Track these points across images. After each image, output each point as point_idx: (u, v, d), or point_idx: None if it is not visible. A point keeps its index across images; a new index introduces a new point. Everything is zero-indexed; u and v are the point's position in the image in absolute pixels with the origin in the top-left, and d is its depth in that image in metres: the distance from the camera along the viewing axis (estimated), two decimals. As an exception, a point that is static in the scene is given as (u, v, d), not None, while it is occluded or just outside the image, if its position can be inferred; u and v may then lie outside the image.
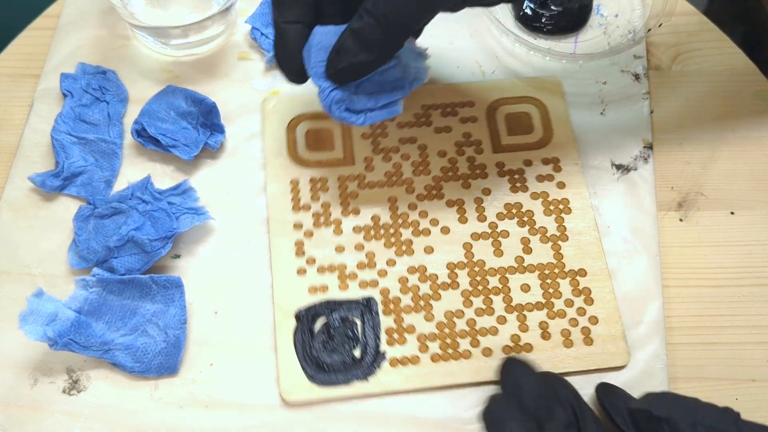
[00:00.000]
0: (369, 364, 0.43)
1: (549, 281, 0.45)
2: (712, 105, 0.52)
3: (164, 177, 0.48)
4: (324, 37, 0.40)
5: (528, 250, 0.46)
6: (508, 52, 0.53)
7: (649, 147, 0.50)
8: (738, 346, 0.45)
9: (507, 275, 0.46)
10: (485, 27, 0.54)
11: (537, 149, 0.49)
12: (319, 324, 0.44)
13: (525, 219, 0.47)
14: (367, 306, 0.44)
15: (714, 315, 0.46)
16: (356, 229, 0.46)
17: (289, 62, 0.41)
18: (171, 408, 0.42)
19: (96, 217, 0.46)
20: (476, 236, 0.47)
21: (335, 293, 0.44)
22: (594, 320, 0.44)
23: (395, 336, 0.44)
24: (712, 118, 0.51)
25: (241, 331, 0.44)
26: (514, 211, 0.47)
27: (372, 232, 0.46)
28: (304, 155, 0.48)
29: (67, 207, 0.47)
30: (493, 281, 0.45)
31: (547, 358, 0.44)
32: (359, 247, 0.46)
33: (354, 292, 0.45)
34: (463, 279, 0.45)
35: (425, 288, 0.45)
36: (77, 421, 0.42)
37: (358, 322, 0.44)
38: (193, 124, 0.49)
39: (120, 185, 0.48)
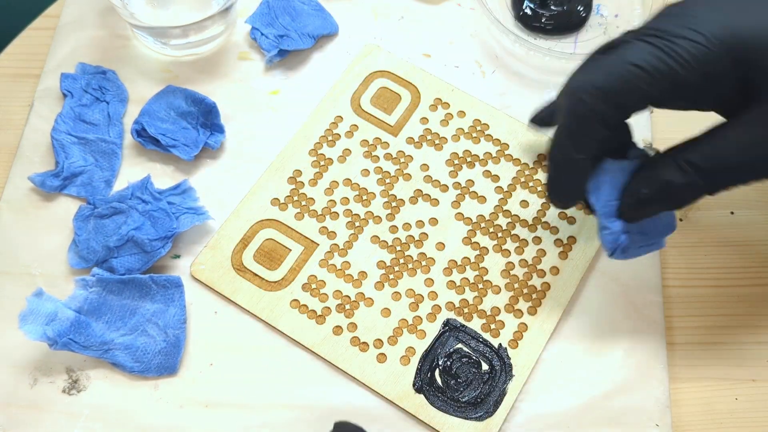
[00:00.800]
0: (504, 363, 0.43)
1: (531, 184, 0.48)
2: (712, 105, 0.52)
3: (164, 177, 0.48)
4: (616, 174, 0.38)
5: (495, 178, 0.48)
6: (508, 52, 0.53)
7: (650, 147, 0.50)
8: (738, 346, 0.45)
9: (504, 207, 0.47)
10: (485, 27, 0.54)
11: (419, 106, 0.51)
12: (438, 378, 0.43)
13: (468, 160, 0.49)
14: (451, 329, 0.44)
15: (714, 315, 0.46)
16: (378, 286, 0.45)
17: (573, 195, 0.39)
18: (171, 408, 0.42)
19: (96, 217, 0.46)
20: (456, 204, 0.47)
21: (420, 345, 0.43)
22: None
23: (492, 326, 0.44)
24: (712, 117, 0.51)
25: (241, 331, 0.44)
26: (456, 162, 0.49)
27: (392, 276, 0.45)
28: (278, 276, 0.45)
29: (67, 207, 0.47)
30: (502, 221, 0.47)
31: (586, 227, 0.47)
32: (397, 297, 0.45)
33: (432, 330, 0.44)
34: (484, 241, 0.46)
35: (471, 274, 0.45)
36: (77, 421, 0.42)
37: (459, 345, 0.43)
38: (193, 124, 0.49)
39: (120, 185, 0.48)
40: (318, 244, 0.46)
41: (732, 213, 0.48)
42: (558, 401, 0.43)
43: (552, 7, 0.53)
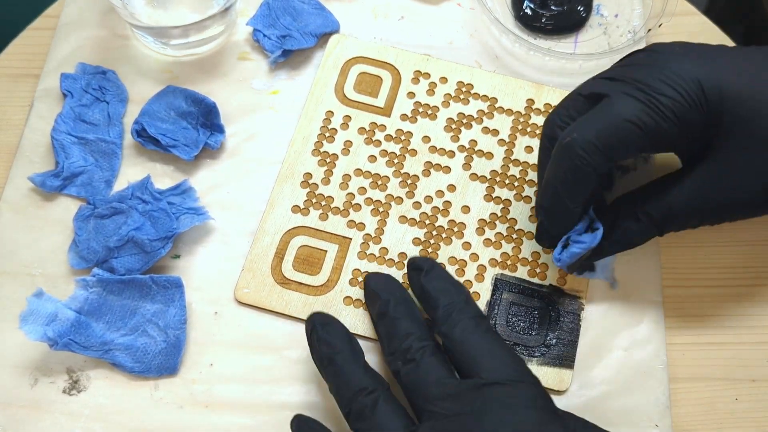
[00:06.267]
0: (561, 297, 0.45)
1: (529, 129, 0.50)
2: (712, 105, 0.52)
3: (164, 177, 0.48)
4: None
5: (495, 132, 0.49)
6: (508, 52, 0.53)
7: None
8: (738, 346, 0.45)
9: (512, 157, 0.49)
10: (485, 27, 0.54)
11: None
12: (506, 332, 0.44)
13: (464, 121, 0.50)
14: (501, 283, 0.45)
15: (714, 315, 0.46)
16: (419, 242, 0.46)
17: (560, 238, 0.42)
18: (171, 408, 0.42)
19: (96, 217, 0.46)
20: (467, 166, 0.49)
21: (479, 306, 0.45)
22: None
23: (538, 270, 0.45)
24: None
25: (241, 331, 0.44)
26: (453, 126, 0.50)
27: (430, 250, 0.46)
28: (323, 279, 0.45)
29: (67, 207, 0.47)
30: (514, 170, 0.48)
31: None
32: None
33: (484, 289, 0.45)
34: (504, 193, 0.48)
35: (502, 227, 0.47)
36: (77, 421, 0.42)
37: (514, 296, 0.45)
38: (193, 124, 0.49)
39: (120, 185, 0.48)
40: (350, 239, 0.46)
41: (732, 213, 0.48)
42: (557, 402, 0.43)
43: (552, 7, 0.53)
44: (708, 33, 0.54)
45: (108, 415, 0.42)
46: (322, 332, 0.39)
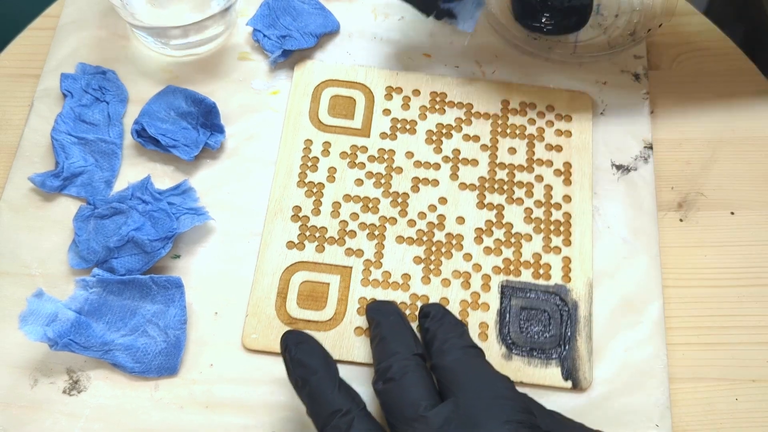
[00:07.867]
0: (567, 297, 0.45)
1: (508, 130, 0.50)
2: (712, 105, 0.52)
3: (164, 177, 0.48)
4: None
5: (476, 138, 0.50)
6: (508, 52, 0.53)
7: (649, 147, 0.50)
8: (738, 346, 0.45)
9: (496, 161, 0.49)
10: (485, 27, 0.54)
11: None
12: (520, 337, 0.44)
13: (444, 132, 0.50)
14: (508, 289, 0.45)
15: (714, 315, 0.46)
16: (425, 281, 0.45)
17: None
18: (171, 408, 0.42)
19: (96, 218, 0.46)
20: (454, 176, 0.48)
21: (489, 316, 0.45)
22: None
23: (541, 271, 0.46)
24: (712, 118, 0.51)
25: (241, 331, 0.44)
26: (434, 138, 0.49)
27: (432, 266, 0.46)
28: (330, 313, 0.45)
29: (67, 207, 0.47)
30: (501, 174, 0.48)
31: (575, 149, 0.49)
32: (446, 283, 0.45)
33: (492, 298, 0.45)
34: (495, 199, 0.48)
35: (499, 233, 0.47)
36: (77, 422, 0.42)
37: (523, 300, 0.45)
38: (193, 125, 0.49)
39: (120, 185, 0.48)
40: (351, 267, 0.46)
41: (732, 213, 0.48)
42: (557, 402, 0.43)
43: (552, 7, 0.53)
44: (708, 33, 0.54)
45: (108, 416, 0.42)
46: (296, 352, 0.38)
